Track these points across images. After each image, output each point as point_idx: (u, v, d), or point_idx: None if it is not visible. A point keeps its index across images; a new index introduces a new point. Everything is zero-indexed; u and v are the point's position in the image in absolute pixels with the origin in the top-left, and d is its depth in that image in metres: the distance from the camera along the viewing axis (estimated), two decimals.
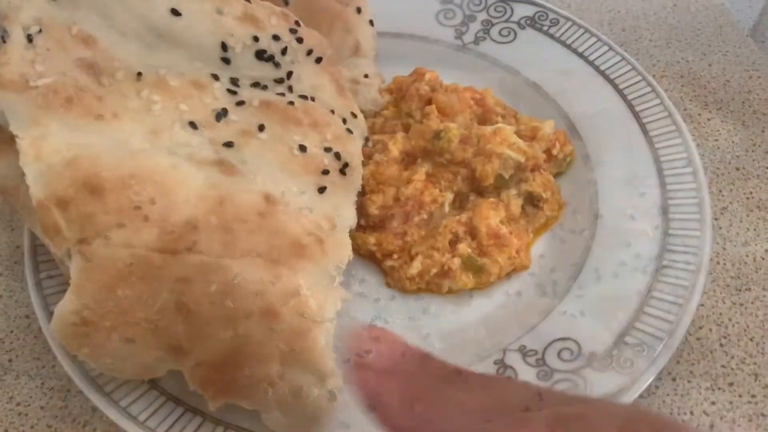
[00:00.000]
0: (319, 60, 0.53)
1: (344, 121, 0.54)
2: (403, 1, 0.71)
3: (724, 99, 0.69)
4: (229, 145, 0.47)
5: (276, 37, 0.51)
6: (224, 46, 0.50)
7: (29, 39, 0.45)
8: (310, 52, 0.53)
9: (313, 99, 0.53)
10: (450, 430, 0.28)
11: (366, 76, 0.63)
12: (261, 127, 0.48)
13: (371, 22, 0.66)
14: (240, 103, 0.49)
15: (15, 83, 0.43)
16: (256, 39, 0.50)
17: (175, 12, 0.48)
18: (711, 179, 0.63)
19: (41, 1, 0.47)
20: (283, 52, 0.51)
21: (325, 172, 0.49)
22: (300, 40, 0.52)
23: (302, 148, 0.48)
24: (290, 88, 0.52)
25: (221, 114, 0.48)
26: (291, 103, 0.50)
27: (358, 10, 0.65)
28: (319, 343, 0.40)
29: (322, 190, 0.48)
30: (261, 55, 0.50)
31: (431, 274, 0.53)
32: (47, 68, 0.44)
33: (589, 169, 0.59)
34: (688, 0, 0.79)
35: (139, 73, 0.48)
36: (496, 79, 0.66)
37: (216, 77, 0.50)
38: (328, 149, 0.50)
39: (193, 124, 0.47)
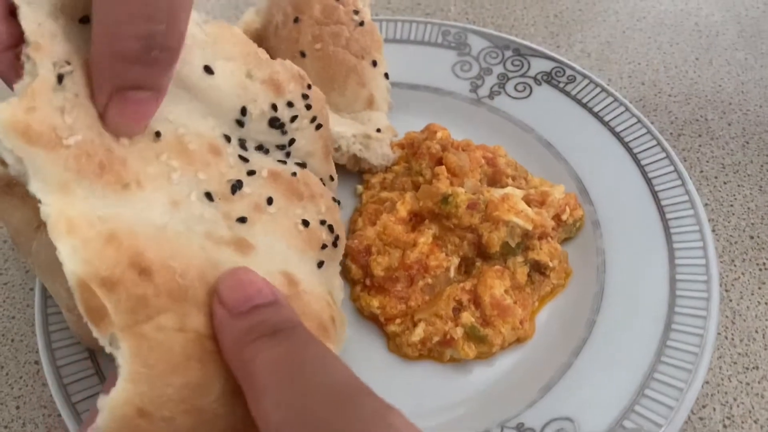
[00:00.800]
0: (319, 127, 0.53)
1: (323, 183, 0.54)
2: (420, 52, 0.71)
3: (742, 161, 0.68)
4: (242, 220, 0.45)
5: (290, 104, 0.51)
6: (243, 110, 0.48)
7: (59, 79, 0.37)
8: (313, 119, 0.53)
9: (304, 165, 0.53)
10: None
11: (378, 130, 0.63)
12: (270, 200, 0.47)
13: (386, 75, 0.66)
14: (251, 173, 0.48)
15: (45, 138, 0.36)
16: (274, 107, 0.50)
17: (209, 70, 0.46)
18: (723, 247, 0.62)
19: (75, 31, 0.39)
20: (293, 119, 0.51)
21: (324, 247, 0.49)
22: (309, 107, 0.52)
23: (305, 223, 0.48)
24: (288, 154, 0.52)
25: (236, 186, 0.46)
26: (294, 174, 0.50)
27: (374, 63, 0.65)
28: None
29: (320, 264, 0.48)
30: (274, 123, 0.50)
31: (433, 342, 0.53)
32: (75, 120, 0.38)
33: (598, 236, 0.58)
34: (710, 54, 0.78)
35: (158, 133, 0.44)
36: (509, 136, 0.66)
37: (227, 138, 0.49)
38: (323, 222, 0.50)
39: (209, 196, 0.44)
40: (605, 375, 0.50)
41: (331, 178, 0.56)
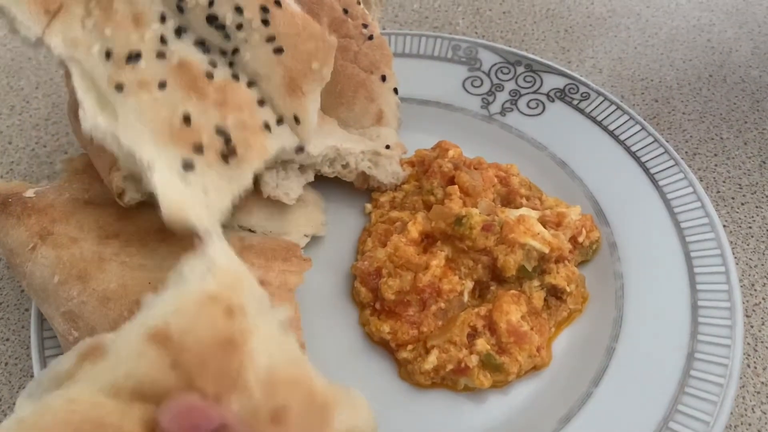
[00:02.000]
0: (279, 50, 0.50)
1: (279, 120, 0.50)
2: (430, 67, 0.70)
3: (759, 182, 0.67)
4: (119, 88, 0.46)
5: (238, 10, 0.49)
6: None
7: None
8: (271, 39, 0.50)
9: (251, 85, 0.50)
10: None
11: (388, 146, 0.61)
12: (162, 84, 0.46)
13: (396, 91, 0.64)
14: (160, 55, 0.47)
15: None
16: (211, 2, 0.49)
17: None
18: (743, 271, 0.60)
19: None
20: (239, 27, 0.49)
21: (199, 150, 0.46)
22: (266, 23, 0.49)
23: (186, 119, 0.46)
24: (231, 64, 0.49)
25: (133, 57, 0.47)
26: (210, 75, 0.48)
27: (383, 78, 0.63)
28: None
29: (188, 167, 0.45)
30: (212, 20, 0.49)
31: (447, 370, 0.50)
32: None
33: (615, 259, 0.56)
34: (724, 71, 0.77)
35: None
36: (522, 153, 0.64)
37: (163, 18, 0.48)
38: (221, 131, 0.47)
39: (108, 54, 0.46)
40: (627, 407, 0.48)
41: (297, 121, 0.51)
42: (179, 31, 0.48)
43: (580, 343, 0.53)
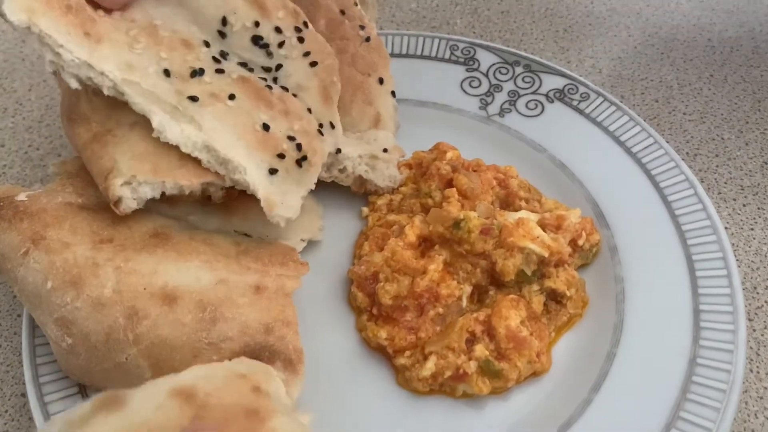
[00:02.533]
0: (313, 64, 0.55)
1: (320, 125, 0.55)
2: (428, 68, 0.69)
3: (761, 183, 0.66)
4: (193, 99, 0.50)
5: (278, 30, 0.54)
6: (224, 21, 0.53)
7: None
8: (306, 54, 0.55)
9: (295, 96, 0.55)
10: None
11: (385, 150, 0.61)
12: (231, 96, 0.51)
13: (393, 93, 0.64)
14: (219, 71, 0.52)
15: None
16: (257, 24, 0.54)
17: None
18: (745, 273, 0.60)
19: None
20: (280, 45, 0.54)
21: (281, 156, 0.51)
22: (301, 40, 0.55)
23: (265, 127, 0.51)
24: (275, 80, 0.54)
25: (197, 72, 0.51)
26: (269, 87, 0.53)
27: (381, 81, 0.62)
28: None
29: (273, 172, 0.51)
30: (257, 40, 0.54)
31: (445, 377, 0.50)
32: None
33: (616, 262, 0.56)
34: (725, 71, 0.76)
35: (135, 19, 0.52)
36: (521, 155, 0.64)
37: (207, 44, 0.53)
38: (291, 138, 0.52)
39: (167, 72, 0.50)
40: (628, 414, 0.47)
41: (332, 126, 0.56)
42: (224, 55, 0.53)
43: (581, 348, 0.52)
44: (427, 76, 0.68)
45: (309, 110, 0.54)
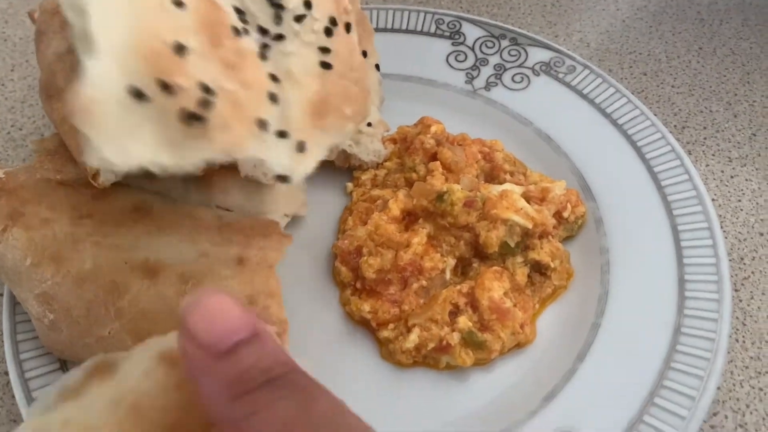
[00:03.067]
0: (326, 66, 0.41)
1: (282, 133, 0.40)
2: (412, 42, 0.68)
3: (749, 154, 0.65)
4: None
5: (308, 4, 0.42)
6: None
7: None
8: (324, 50, 0.42)
9: (274, 79, 0.40)
10: None
11: (369, 124, 0.60)
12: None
13: (377, 67, 0.63)
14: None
15: None
16: None
17: None
18: (732, 245, 0.59)
19: None
20: (298, 18, 0.41)
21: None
22: (328, 32, 0.42)
23: (179, 48, 0.35)
24: (265, 47, 0.41)
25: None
26: (237, 32, 0.39)
27: (364, 54, 0.61)
28: None
29: (139, 95, 0.34)
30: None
31: (428, 349, 0.49)
32: None
33: (601, 234, 0.55)
34: (714, 44, 0.75)
35: None
36: (507, 129, 0.63)
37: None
38: (206, 89, 0.36)
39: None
40: (612, 383, 0.47)
41: (300, 148, 0.39)
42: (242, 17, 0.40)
43: (566, 319, 0.52)
44: (412, 51, 0.68)
45: (273, 98, 0.39)
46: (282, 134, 0.39)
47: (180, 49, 0.35)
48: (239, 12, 0.40)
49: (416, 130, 0.60)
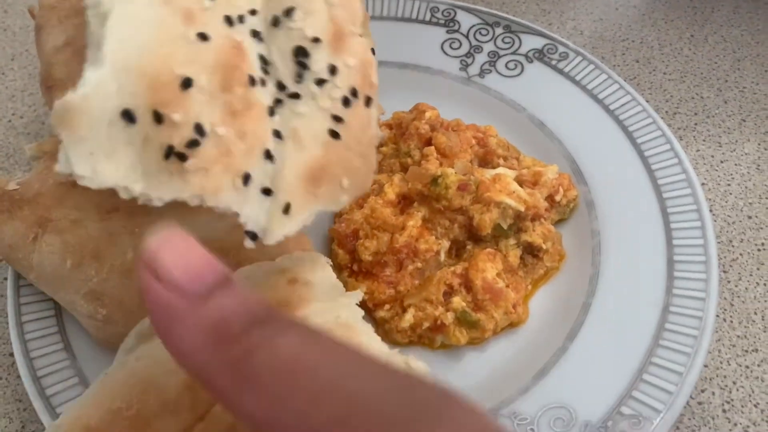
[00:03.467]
0: (335, 134, 0.39)
1: (267, 190, 0.38)
2: (408, 30, 0.69)
3: (739, 140, 0.67)
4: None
5: (333, 69, 0.40)
6: (289, 11, 0.39)
7: None
8: (337, 119, 0.39)
9: (277, 135, 0.39)
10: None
11: None
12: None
13: (373, 51, 0.64)
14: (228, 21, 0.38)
15: None
16: (316, 39, 0.39)
17: None
18: (721, 227, 0.61)
19: None
20: (319, 82, 0.39)
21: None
22: (346, 102, 0.40)
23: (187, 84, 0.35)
24: (278, 102, 0.39)
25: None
26: (253, 82, 0.37)
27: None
28: None
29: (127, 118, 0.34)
30: (300, 53, 0.39)
31: (423, 328, 0.51)
32: None
33: (593, 217, 0.56)
34: (705, 31, 0.76)
35: None
36: (500, 115, 0.64)
37: (253, 12, 0.39)
38: (199, 127, 0.36)
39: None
40: (602, 360, 0.48)
41: (286, 210, 0.37)
42: (256, 35, 0.39)
43: (557, 300, 0.54)
44: (407, 38, 0.69)
45: (268, 156, 0.37)
46: (267, 192, 0.37)
47: (187, 83, 0.34)
48: (264, 61, 0.39)
49: (411, 115, 0.61)
